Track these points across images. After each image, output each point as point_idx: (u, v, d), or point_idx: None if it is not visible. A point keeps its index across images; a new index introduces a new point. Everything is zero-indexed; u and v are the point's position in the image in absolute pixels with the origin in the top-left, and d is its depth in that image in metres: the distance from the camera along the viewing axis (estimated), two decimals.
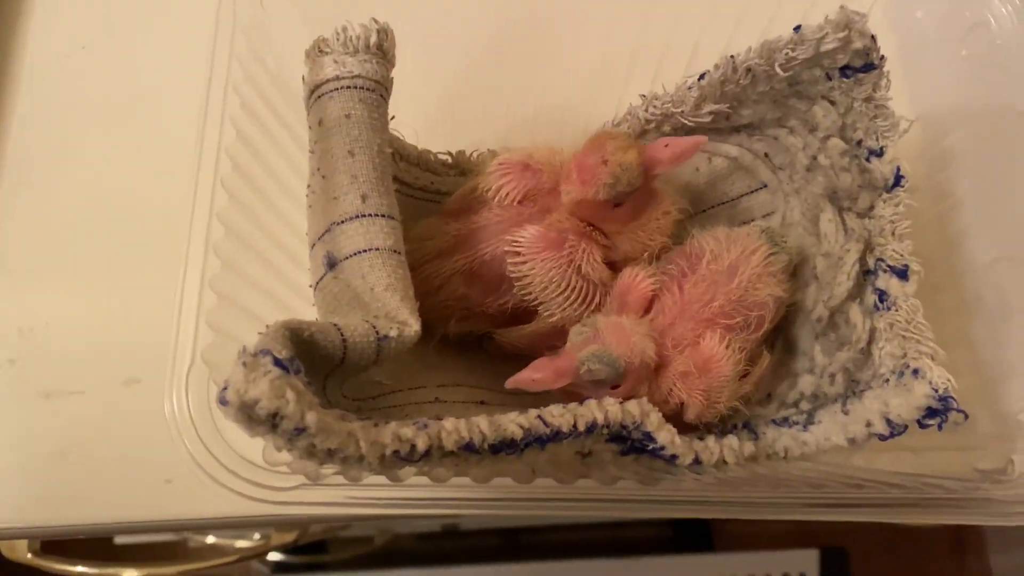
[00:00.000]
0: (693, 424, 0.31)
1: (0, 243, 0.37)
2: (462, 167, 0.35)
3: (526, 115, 0.35)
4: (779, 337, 0.34)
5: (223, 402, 0.21)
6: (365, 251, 0.26)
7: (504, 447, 0.26)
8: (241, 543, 0.76)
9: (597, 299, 0.31)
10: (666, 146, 0.29)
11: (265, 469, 0.24)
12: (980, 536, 1.07)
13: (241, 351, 0.22)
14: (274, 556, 0.83)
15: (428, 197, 0.35)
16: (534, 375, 0.28)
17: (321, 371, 0.26)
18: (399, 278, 0.26)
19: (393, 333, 0.25)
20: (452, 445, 0.24)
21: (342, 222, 0.27)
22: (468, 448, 0.25)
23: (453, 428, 0.25)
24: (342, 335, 0.25)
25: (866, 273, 0.31)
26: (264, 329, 0.23)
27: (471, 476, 0.27)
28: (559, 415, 0.27)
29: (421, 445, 0.24)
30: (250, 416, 0.21)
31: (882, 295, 0.30)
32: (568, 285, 0.30)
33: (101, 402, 0.34)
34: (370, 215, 0.27)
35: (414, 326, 0.26)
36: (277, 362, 0.22)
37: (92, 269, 0.37)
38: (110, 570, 0.52)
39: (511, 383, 0.28)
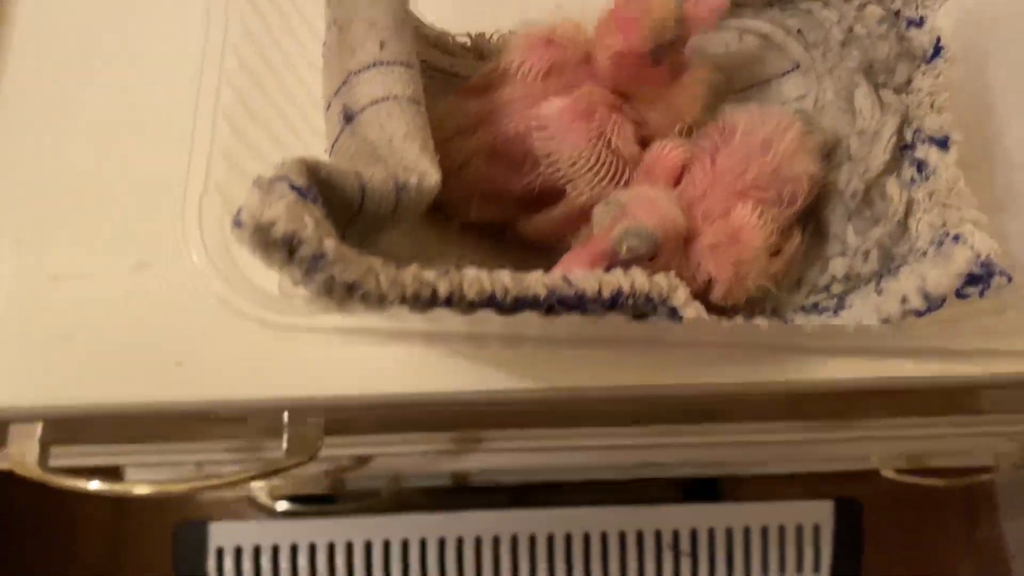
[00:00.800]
0: (720, 306, 0.30)
1: (4, 124, 0.36)
2: (481, 50, 0.34)
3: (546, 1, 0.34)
4: (809, 222, 0.33)
5: (238, 224, 0.20)
6: (383, 99, 0.25)
7: (526, 305, 0.25)
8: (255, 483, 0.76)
9: (627, 177, 0.30)
10: (695, 3, 0.28)
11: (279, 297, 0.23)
12: (992, 502, 1.06)
13: (256, 178, 0.21)
14: (281, 506, 0.83)
15: (447, 79, 0.34)
16: (572, 269, 0.27)
17: (339, 222, 0.24)
18: (418, 128, 0.25)
19: (413, 181, 0.24)
20: (473, 295, 0.24)
21: (359, 71, 0.26)
22: (490, 301, 0.24)
23: (475, 278, 0.24)
24: (360, 179, 0.24)
25: (903, 148, 0.30)
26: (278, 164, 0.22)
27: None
28: (584, 278, 0.26)
29: (442, 290, 0.23)
30: (266, 240, 0.20)
31: (921, 165, 0.29)
32: (598, 160, 0.29)
33: (110, 286, 0.33)
34: (388, 63, 0.25)
35: (434, 176, 0.25)
36: (294, 187, 0.21)
37: (100, 150, 0.36)
38: (122, 486, 0.51)
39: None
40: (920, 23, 0.29)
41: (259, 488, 0.86)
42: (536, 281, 0.25)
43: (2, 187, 0.35)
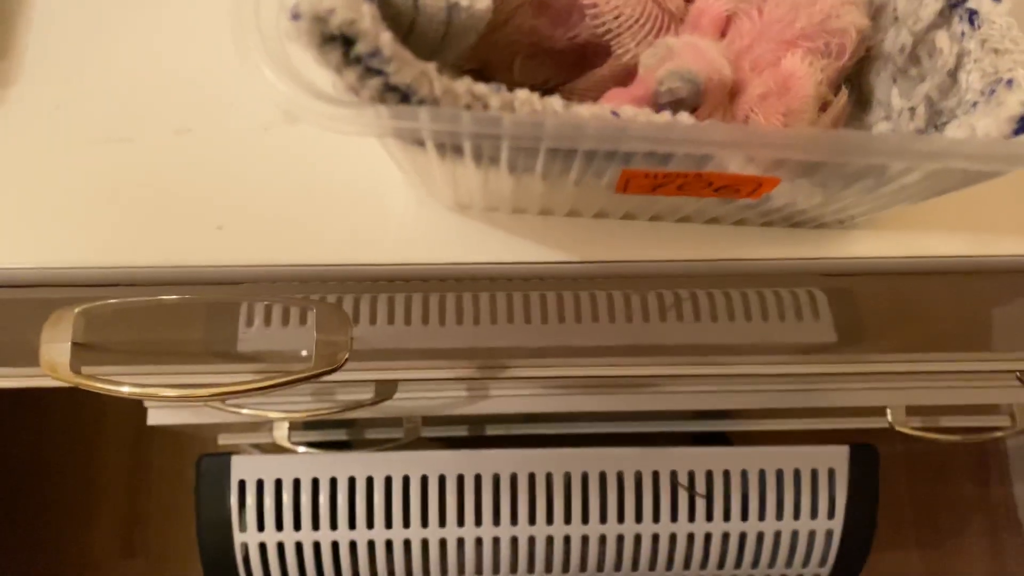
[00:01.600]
0: None
1: None
2: None
3: None
4: (852, 90, 0.32)
5: (295, 16, 0.20)
6: None
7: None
8: (275, 414, 0.76)
9: (672, 32, 0.29)
10: None
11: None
12: (1004, 463, 1.06)
13: None
14: (301, 449, 0.84)
15: None
16: (609, 105, 0.27)
17: None
18: None
19: (464, 2, 0.24)
20: (525, 115, 0.23)
21: None
22: (537, 127, 0.24)
23: (527, 98, 0.24)
24: None
25: (953, 6, 0.29)
26: None
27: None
28: (633, 114, 0.26)
29: (495, 104, 0.23)
30: (323, 32, 0.20)
31: (972, 15, 0.28)
32: (643, 11, 0.29)
33: (152, 149, 0.33)
34: None
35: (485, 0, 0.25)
36: None
37: (140, 16, 0.36)
38: (151, 390, 0.52)
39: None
40: None
41: (279, 431, 0.87)
42: (587, 111, 0.25)
43: (42, 54, 0.35)
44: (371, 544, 0.79)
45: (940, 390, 0.75)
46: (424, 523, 0.81)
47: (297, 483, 0.80)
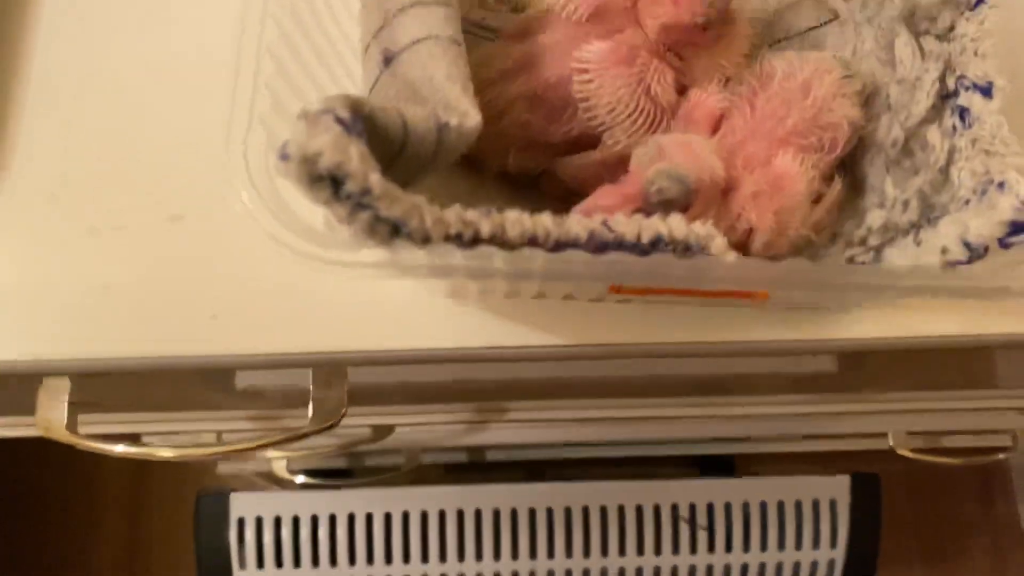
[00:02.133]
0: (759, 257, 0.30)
1: (39, 76, 0.36)
2: (514, 2, 0.34)
3: None
4: (846, 175, 0.32)
5: (283, 157, 0.20)
6: (424, 39, 0.25)
7: (567, 247, 0.25)
8: (275, 453, 0.76)
9: (665, 125, 0.30)
10: None
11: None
12: (1007, 482, 1.06)
13: (302, 110, 0.21)
14: (300, 480, 0.84)
15: (480, 32, 0.34)
16: (599, 202, 0.27)
17: (380, 162, 0.24)
18: (459, 68, 0.25)
19: (454, 122, 0.24)
20: (516, 236, 0.23)
21: (399, 11, 0.25)
22: (531, 243, 0.24)
23: (517, 219, 0.24)
24: (403, 117, 0.23)
25: (945, 97, 0.29)
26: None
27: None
28: (624, 223, 0.26)
29: (486, 230, 0.23)
30: (312, 172, 0.20)
31: (963, 112, 0.28)
32: (637, 107, 0.29)
33: (145, 238, 0.33)
34: (428, 3, 0.25)
35: (475, 117, 0.25)
36: (340, 120, 0.21)
37: (134, 100, 0.36)
38: (146, 450, 0.52)
39: (576, 212, 0.27)
40: None
41: (278, 462, 0.87)
42: (577, 225, 0.25)
43: (36, 141, 0.35)
44: None
45: (941, 416, 0.74)
46: (424, 559, 0.81)
47: (296, 520, 0.80)
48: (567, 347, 0.33)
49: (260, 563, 0.81)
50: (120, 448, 0.51)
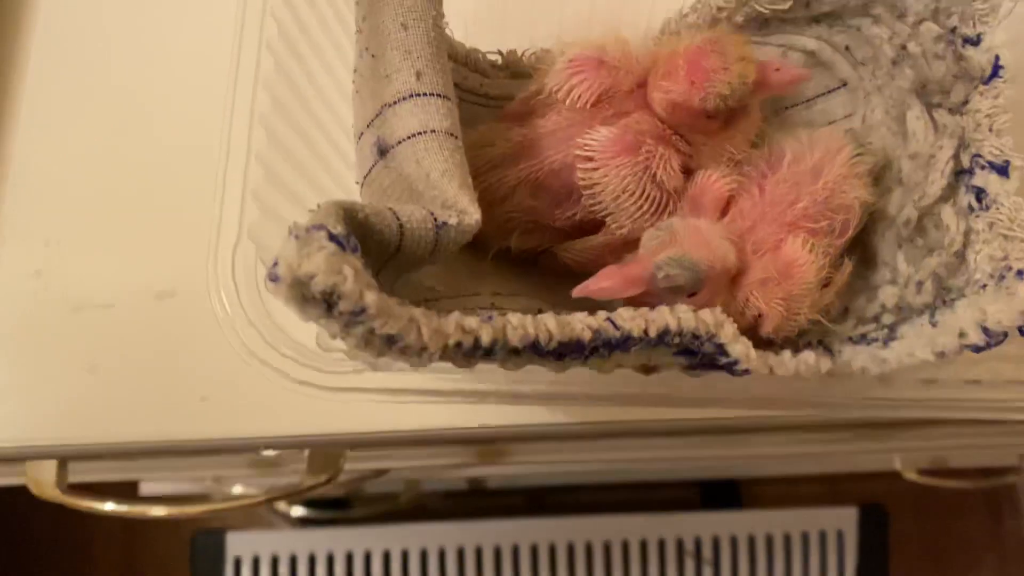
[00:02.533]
0: (767, 340, 0.29)
1: (23, 149, 0.35)
2: (513, 69, 0.33)
3: (580, 10, 0.33)
4: (856, 249, 0.31)
5: (273, 279, 0.19)
6: (420, 133, 0.24)
7: (570, 350, 0.24)
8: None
9: (670, 208, 0.29)
10: (777, 70, 0.27)
11: (319, 354, 0.22)
12: (1015, 499, 1.05)
13: (292, 226, 0.20)
14: (297, 511, 0.82)
15: (477, 100, 0.33)
16: (603, 283, 0.26)
17: (376, 262, 0.23)
18: (456, 164, 0.24)
19: (452, 221, 0.23)
20: (517, 341, 0.22)
21: (395, 103, 0.24)
22: (533, 348, 0.23)
23: (519, 323, 0.23)
24: (398, 219, 0.22)
25: (959, 173, 0.28)
26: (314, 208, 0.21)
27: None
28: (630, 318, 0.25)
29: (486, 338, 0.22)
30: (303, 295, 0.19)
31: (979, 193, 0.27)
32: (643, 194, 0.28)
33: (132, 316, 0.32)
34: (425, 94, 0.24)
35: (474, 215, 0.24)
36: (333, 237, 0.20)
37: (120, 175, 0.35)
38: (138, 508, 0.51)
39: (578, 291, 0.26)
40: (977, 41, 0.28)
41: None
42: (581, 324, 0.24)
43: (20, 216, 0.34)
44: None
45: (948, 446, 0.73)
46: None
47: (294, 559, 0.79)
48: (581, 424, 0.32)
49: None
50: (110, 506, 0.50)
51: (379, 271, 0.24)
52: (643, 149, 0.27)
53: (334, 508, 0.85)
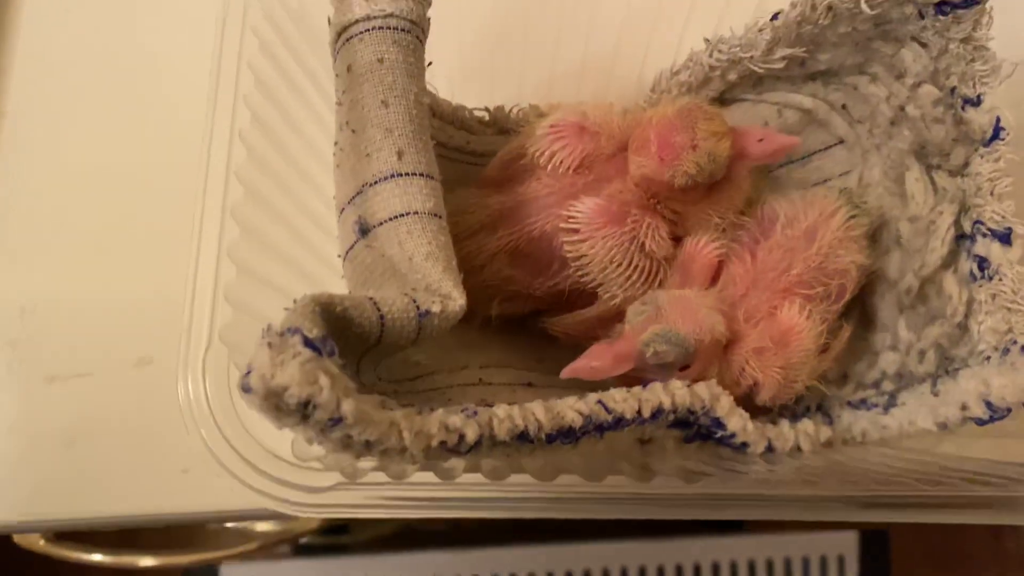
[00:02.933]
0: (764, 406, 0.28)
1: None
2: (500, 125, 0.32)
3: (571, 63, 0.32)
4: (855, 310, 0.30)
5: (246, 389, 0.18)
6: (402, 215, 0.23)
7: (561, 436, 0.23)
8: (263, 527, 0.74)
9: (661, 276, 0.28)
10: (760, 140, 0.26)
11: (295, 465, 0.21)
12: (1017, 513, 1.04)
13: (266, 330, 0.19)
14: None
15: (463, 158, 0.32)
16: (592, 363, 0.25)
17: (355, 352, 0.23)
18: (441, 246, 0.23)
19: (436, 308, 0.22)
20: (505, 435, 0.21)
21: (375, 182, 0.23)
22: (522, 438, 0.22)
23: (506, 416, 0.22)
24: (379, 310, 0.22)
25: (960, 238, 0.28)
26: (290, 304, 0.20)
27: (524, 466, 0.24)
28: (622, 400, 0.24)
29: (471, 435, 0.21)
30: (278, 406, 0.18)
31: (982, 262, 0.26)
32: (631, 264, 0.27)
33: (111, 385, 0.32)
34: (407, 174, 0.23)
35: (459, 300, 0.23)
36: (308, 342, 0.19)
37: (97, 240, 0.34)
38: (126, 558, 0.50)
39: (567, 373, 0.25)
40: (977, 102, 0.27)
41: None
42: (571, 412, 0.23)
43: None
44: None
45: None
46: None
47: None
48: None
49: None
50: (97, 557, 0.49)
51: (360, 360, 0.23)
52: (629, 219, 0.26)
53: (331, 532, 0.84)
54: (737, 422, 0.26)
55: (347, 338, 0.22)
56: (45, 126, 0.35)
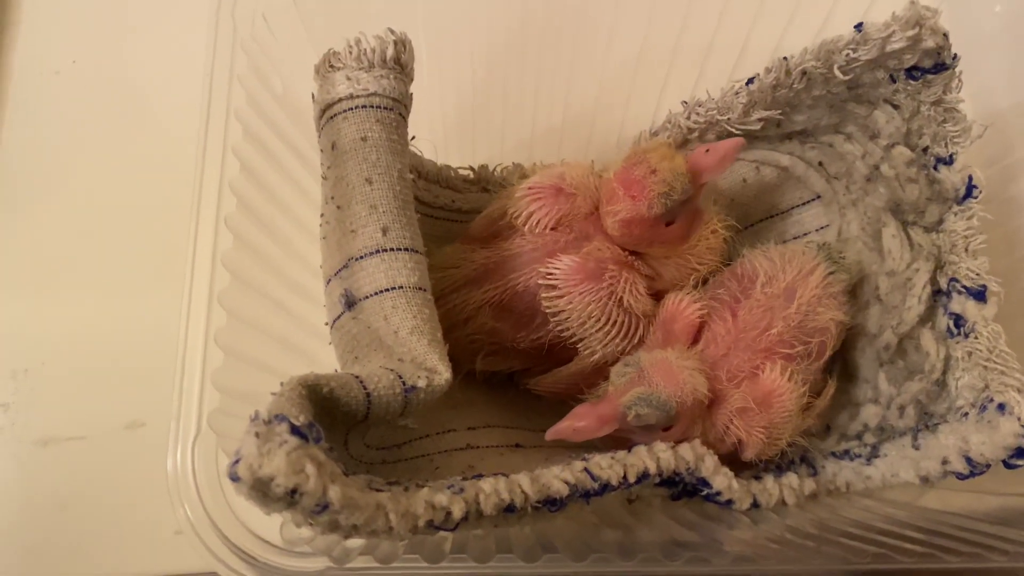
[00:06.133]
0: (749, 462, 0.29)
1: None
2: (484, 183, 0.32)
3: (552, 124, 0.33)
4: (836, 363, 0.31)
5: (234, 478, 0.18)
6: (388, 290, 0.24)
7: (547, 504, 0.23)
8: None
9: (641, 332, 0.28)
10: (707, 151, 0.26)
11: (283, 550, 0.22)
12: None
13: (253, 417, 0.19)
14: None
15: (449, 216, 0.32)
16: (576, 424, 0.26)
17: (343, 427, 0.23)
18: (425, 319, 0.24)
19: (422, 383, 0.23)
20: (491, 509, 0.22)
21: (361, 257, 0.24)
22: (508, 510, 0.22)
23: (492, 490, 0.22)
24: (365, 388, 0.22)
25: (937, 293, 0.28)
26: (278, 387, 0.20)
27: (511, 538, 0.24)
28: (607, 467, 0.24)
29: (457, 512, 0.21)
30: (265, 493, 0.18)
31: (958, 320, 0.27)
32: (609, 319, 0.27)
33: (103, 448, 0.32)
34: (392, 249, 0.24)
35: (444, 374, 0.23)
36: (294, 430, 0.19)
37: (88, 307, 0.34)
38: None
39: (551, 434, 0.26)
40: (950, 161, 0.28)
41: None
42: (557, 481, 0.23)
43: None
44: None
45: None
46: None
47: None
48: None
49: None
50: None
51: (348, 433, 0.24)
52: (607, 275, 0.27)
53: None
54: (722, 481, 0.26)
55: (334, 416, 0.22)
56: (35, 195, 0.36)
